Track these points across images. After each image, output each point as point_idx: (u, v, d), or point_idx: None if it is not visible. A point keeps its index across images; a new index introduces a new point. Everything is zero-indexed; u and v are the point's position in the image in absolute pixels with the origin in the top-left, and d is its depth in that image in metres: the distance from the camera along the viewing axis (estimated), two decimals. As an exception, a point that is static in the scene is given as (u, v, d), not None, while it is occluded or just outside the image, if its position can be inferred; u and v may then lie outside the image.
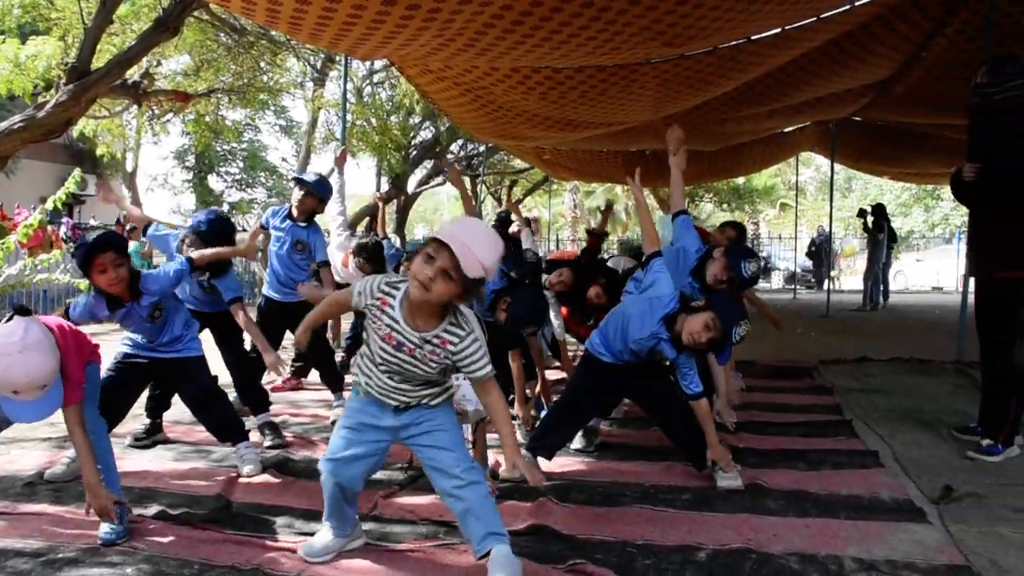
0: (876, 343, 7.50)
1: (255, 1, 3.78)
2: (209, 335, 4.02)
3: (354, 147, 14.00)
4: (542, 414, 3.91)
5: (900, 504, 2.96)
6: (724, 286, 3.57)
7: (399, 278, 2.25)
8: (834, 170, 12.53)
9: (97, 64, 5.93)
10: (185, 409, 3.61)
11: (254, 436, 3.72)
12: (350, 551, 2.49)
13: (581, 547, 2.53)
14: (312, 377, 5.37)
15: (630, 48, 4.55)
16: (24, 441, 3.80)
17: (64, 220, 13.97)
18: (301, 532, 2.65)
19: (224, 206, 28.71)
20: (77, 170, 7.05)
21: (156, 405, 3.90)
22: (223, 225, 4.03)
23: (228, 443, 3.50)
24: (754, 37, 5.01)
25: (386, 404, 2.32)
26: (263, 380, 4.38)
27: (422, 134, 17.21)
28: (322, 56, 13.37)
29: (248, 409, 4.04)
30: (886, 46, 5.71)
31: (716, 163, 10.67)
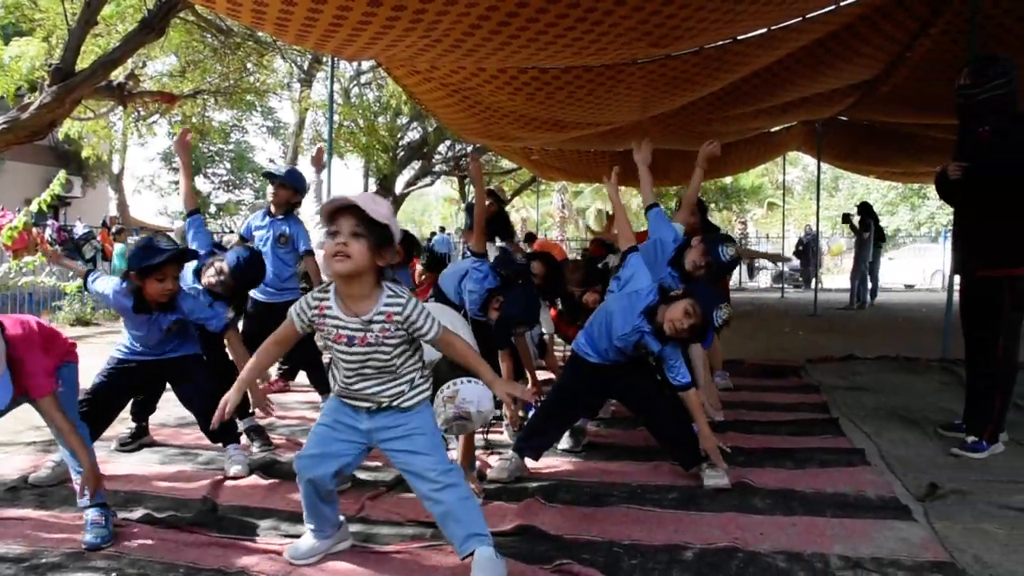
0: (863, 341, 7.54)
1: (240, 2, 3.77)
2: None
3: (341, 148, 13.98)
4: (530, 414, 3.91)
5: (886, 502, 2.98)
6: (703, 272, 3.59)
7: (324, 284, 2.32)
8: (821, 169, 12.61)
9: (81, 65, 5.89)
10: (171, 412, 3.56)
11: (243, 440, 3.70)
12: (336, 553, 2.48)
13: (568, 547, 2.53)
14: (299, 379, 5.35)
15: (617, 49, 4.57)
16: (8, 445, 3.77)
17: (49, 222, 13.88)
18: (287, 535, 2.64)
19: (211, 208, 28.63)
20: (62, 172, 7.01)
21: (141, 409, 3.86)
22: (256, 269, 3.83)
23: (219, 444, 3.48)
24: (740, 37, 5.05)
25: (359, 407, 2.33)
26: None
27: (410, 135, 17.21)
28: (309, 57, 13.35)
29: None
30: (871, 46, 5.75)
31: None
